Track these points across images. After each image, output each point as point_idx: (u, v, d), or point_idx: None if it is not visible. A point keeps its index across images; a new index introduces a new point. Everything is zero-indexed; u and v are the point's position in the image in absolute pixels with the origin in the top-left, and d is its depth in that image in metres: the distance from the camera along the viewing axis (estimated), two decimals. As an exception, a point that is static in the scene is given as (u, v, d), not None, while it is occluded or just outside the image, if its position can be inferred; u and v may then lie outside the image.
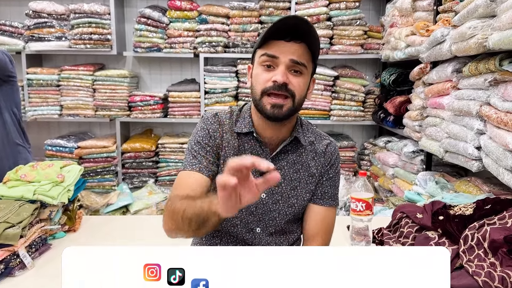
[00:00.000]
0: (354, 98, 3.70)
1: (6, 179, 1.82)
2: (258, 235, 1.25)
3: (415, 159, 2.79)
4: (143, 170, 3.80)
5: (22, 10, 3.64)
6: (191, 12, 3.61)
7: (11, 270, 1.47)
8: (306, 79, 1.14)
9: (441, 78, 2.33)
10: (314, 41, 1.12)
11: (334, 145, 1.30)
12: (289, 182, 1.23)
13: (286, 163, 1.23)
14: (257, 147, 1.22)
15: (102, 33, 3.58)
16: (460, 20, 2.03)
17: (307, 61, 1.12)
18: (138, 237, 1.84)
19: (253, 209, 1.23)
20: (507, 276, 1.32)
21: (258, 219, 1.24)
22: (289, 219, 1.26)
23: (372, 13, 3.99)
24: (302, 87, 1.13)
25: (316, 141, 1.28)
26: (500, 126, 1.74)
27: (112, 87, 3.66)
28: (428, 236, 1.63)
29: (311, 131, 1.30)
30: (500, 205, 1.60)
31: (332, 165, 1.28)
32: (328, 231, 1.29)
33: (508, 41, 1.64)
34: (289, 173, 1.23)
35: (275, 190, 1.23)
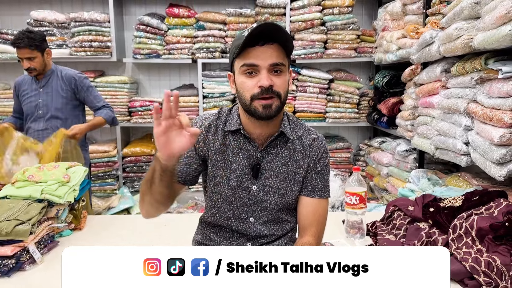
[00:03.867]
0: (348, 101, 3.79)
1: (14, 180, 1.89)
2: (252, 224, 1.30)
3: (408, 158, 2.88)
4: (143, 174, 3.86)
5: (23, 19, 3.72)
6: (189, 19, 3.71)
7: (22, 264, 1.54)
8: (286, 74, 1.21)
9: (431, 78, 2.42)
10: (285, 38, 1.19)
11: (321, 140, 1.34)
12: (279, 174, 1.28)
13: (275, 156, 1.28)
14: (246, 143, 1.27)
15: (102, 41, 3.66)
16: (447, 22, 2.12)
17: (283, 59, 1.18)
18: (141, 235, 1.91)
19: (245, 201, 1.29)
20: (493, 261, 1.40)
21: (251, 209, 1.29)
22: (280, 208, 1.30)
23: (364, 17, 4.09)
24: (284, 84, 1.20)
25: (303, 136, 1.32)
26: (486, 121, 1.83)
27: (112, 93, 3.75)
28: (419, 227, 1.70)
29: (299, 126, 1.35)
30: (487, 197, 1.68)
31: (320, 158, 1.31)
32: (321, 221, 1.33)
33: (491, 40, 1.74)
34: (278, 166, 1.28)
35: (265, 182, 1.28)
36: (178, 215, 3.16)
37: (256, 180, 1.28)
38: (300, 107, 3.80)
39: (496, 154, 1.73)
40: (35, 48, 2.62)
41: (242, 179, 1.28)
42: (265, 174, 1.28)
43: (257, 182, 1.27)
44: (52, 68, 2.77)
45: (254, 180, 1.28)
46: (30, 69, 2.66)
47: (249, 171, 1.27)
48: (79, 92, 2.79)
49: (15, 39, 2.58)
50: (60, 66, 2.86)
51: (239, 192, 1.29)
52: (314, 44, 3.71)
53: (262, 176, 1.28)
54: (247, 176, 1.28)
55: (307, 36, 3.69)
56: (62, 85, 2.75)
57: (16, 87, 2.81)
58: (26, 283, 1.47)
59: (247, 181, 1.28)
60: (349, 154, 3.94)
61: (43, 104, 2.73)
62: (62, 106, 2.75)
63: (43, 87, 2.75)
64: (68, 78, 2.77)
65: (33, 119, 2.75)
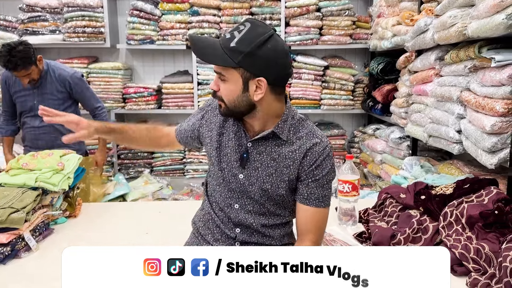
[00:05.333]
0: (343, 88, 3.79)
1: (8, 168, 1.89)
2: (236, 210, 1.32)
3: (401, 145, 2.90)
4: (138, 161, 3.88)
5: (15, 4, 3.67)
6: (183, 4, 3.67)
7: (17, 252, 1.55)
8: (233, 85, 1.20)
9: (425, 66, 2.43)
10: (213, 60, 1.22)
11: (323, 146, 1.26)
12: (265, 168, 1.27)
13: (264, 149, 1.28)
14: (240, 130, 1.30)
15: (95, 26, 3.63)
16: (442, 9, 2.12)
17: (222, 69, 1.20)
18: (137, 222, 1.92)
19: (232, 187, 1.31)
20: (482, 248, 1.42)
21: (237, 196, 1.32)
22: (265, 200, 1.30)
23: (360, 3, 4.06)
24: (227, 92, 1.21)
25: (305, 137, 1.27)
26: (479, 110, 1.84)
27: (106, 79, 3.73)
28: (411, 214, 1.73)
29: (303, 128, 1.29)
30: (478, 184, 1.70)
31: (319, 166, 1.25)
32: (319, 228, 1.29)
33: (485, 29, 1.74)
34: (266, 159, 1.27)
35: (251, 173, 1.29)
36: (173, 202, 3.18)
37: (243, 169, 1.29)
38: (295, 94, 3.79)
39: (488, 142, 1.74)
40: (29, 66, 2.50)
41: (231, 165, 1.31)
42: (253, 165, 1.29)
43: (244, 171, 1.29)
44: (45, 68, 2.65)
45: (242, 168, 1.29)
46: (30, 83, 2.57)
47: (238, 159, 1.30)
48: (74, 93, 2.72)
49: (7, 63, 2.41)
50: (52, 62, 2.75)
51: (228, 176, 1.31)
52: (309, 30, 3.69)
53: (250, 166, 1.29)
54: (235, 163, 1.30)
55: (302, 22, 3.67)
56: (57, 87, 2.67)
57: (6, 82, 2.68)
58: (21, 270, 1.48)
59: (235, 168, 1.30)
60: (344, 141, 3.95)
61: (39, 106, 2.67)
62: (59, 107, 2.63)
63: (37, 89, 2.65)
64: (63, 79, 2.67)
65: (29, 115, 2.68)
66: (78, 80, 2.73)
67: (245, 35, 1.16)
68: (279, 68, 1.19)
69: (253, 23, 1.19)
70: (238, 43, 1.16)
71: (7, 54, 2.40)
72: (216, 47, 1.19)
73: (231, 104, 1.23)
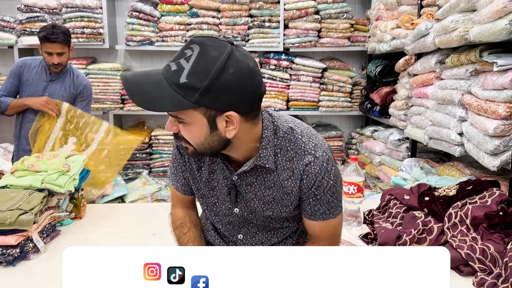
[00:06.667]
0: (341, 89, 3.83)
1: (14, 169, 1.89)
2: (241, 240, 1.22)
3: (400, 147, 2.93)
4: (137, 162, 3.87)
5: (14, 5, 3.65)
6: (182, 5, 3.68)
7: (26, 254, 1.55)
8: (196, 127, 0.96)
9: (425, 69, 2.46)
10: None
11: (319, 163, 1.06)
12: (261, 198, 1.12)
13: (255, 179, 1.10)
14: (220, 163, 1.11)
15: (94, 27, 3.62)
16: (443, 14, 2.15)
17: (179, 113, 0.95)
18: (141, 223, 1.93)
19: (230, 220, 1.19)
20: (487, 248, 1.46)
21: (238, 228, 1.21)
22: (269, 222, 1.18)
23: (358, 6, 4.10)
24: (191, 135, 0.99)
25: (295, 159, 1.07)
26: (481, 113, 1.88)
27: (105, 80, 3.72)
28: (415, 216, 1.75)
29: (291, 147, 1.08)
30: (481, 186, 1.74)
31: (319, 186, 1.08)
32: (331, 236, 1.17)
33: (487, 34, 1.77)
34: (261, 189, 1.11)
35: (247, 205, 1.14)
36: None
37: (236, 203, 1.14)
38: (293, 96, 3.82)
39: (490, 145, 1.78)
40: (67, 44, 2.61)
41: (222, 200, 1.16)
42: (246, 197, 1.13)
43: (238, 205, 1.14)
44: (68, 65, 2.73)
45: (235, 203, 1.14)
46: (58, 64, 2.62)
47: (227, 194, 1.14)
48: (78, 98, 2.76)
49: (49, 34, 2.53)
50: (74, 66, 2.85)
51: (223, 210, 1.18)
52: (308, 32, 3.71)
53: (243, 199, 1.13)
54: (226, 197, 1.14)
55: (301, 25, 3.70)
56: (71, 86, 2.72)
57: (21, 68, 2.70)
58: (31, 272, 1.49)
59: (227, 202, 1.15)
60: (341, 142, 3.98)
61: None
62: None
63: (53, 81, 2.69)
64: (79, 82, 2.75)
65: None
66: (90, 90, 2.83)
67: (196, 64, 0.90)
68: (247, 93, 0.95)
69: (202, 45, 0.92)
70: (189, 77, 0.90)
71: (51, 28, 2.59)
72: (161, 86, 0.92)
73: (200, 147, 1.00)
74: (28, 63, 2.73)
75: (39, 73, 2.70)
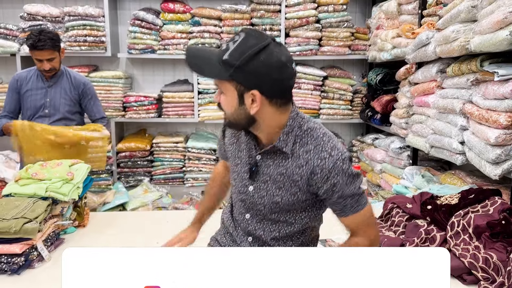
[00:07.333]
0: (342, 97, 3.85)
1: (18, 178, 1.90)
2: (247, 220, 1.33)
3: (402, 155, 2.94)
4: (138, 169, 3.87)
5: (16, 13, 3.67)
6: (184, 14, 3.70)
7: (31, 262, 1.56)
8: (229, 97, 1.18)
9: (426, 78, 2.48)
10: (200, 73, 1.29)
11: (333, 161, 1.18)
12: (274, 181, 1.25)
13: (272, 162, 1.25)
14: (250, 141, 1.28)
15: (96, 35, 3.64)
16: (444, 24, 2.17)
17: (219, 82, 1.19)
18: (144, 231, 1.93)
19: (243, 197, 1.32)
20: (490, 257, 1.46)
21: (247, 207, 1.32)
22: (276, 211, 1.28)
23: (358, 15, 4.13)
24: (225, 104, 1.20)
25: (313, 151, 1.20)
26: (482, 122, 1.89)
27: (107, 88, 3.73)
28: (418, 224, 1.76)
29: (313, 138, 1.22)
30: (483, 195, 1.75)
31: (336, 183, 1.19)
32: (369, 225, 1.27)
33: (488, 44, 1.79)
34: (274, 173, 1.25)
35: (261, 186, 1.27)
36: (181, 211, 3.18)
37: (253, 181, 1.28)
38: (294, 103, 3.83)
39: (492, 154, 1.79)
40: (56, 49, 2.61)
41: (242, 177, 1.31)
42: (262, 178, 1.27)
43: (254, 183, 1.28)
44: (62, 68, 2.74)
45: (251, 181, 1.28)
46: (50, 70, 2.62)
47: (247, 170, 1.29)
48: (83, 98, 2.78)
49: (36, 41, 2.51)
50: (68, 68, 2.85)
51: (239, 187, 1.32)
52: (308, 41, 3.74)
53: (259, 179, 1.27)
54: (245, 174, 1.29)
55: (302, 33, 3.72)
56: (71, 88, 2.74)
57: (18, 82, 2.72)
58: (35, 280, 1.49)
59: (245, 179, 1.30)
60: (342, 150, 3.99)
61: (50, 104, 2.69)
62: (70, 108, 2.74)
63: (51, 87, 2.71)
64: (78, 82, 2.76)
65: (36, 117, 2.68)
66: (91, 86, 2.84)
67: (238, 46, 1.13)
68: (274, 80, 1.14)
69: (248, 34, 1.15)
70: (230, 55, 1.13)
71: (37, 34, 2.56)
72: (211, 59, 1.17)
73: (230, 117, 1.21)
74: (23, 76, 2.74)
75: (36, 82, 2.71)
